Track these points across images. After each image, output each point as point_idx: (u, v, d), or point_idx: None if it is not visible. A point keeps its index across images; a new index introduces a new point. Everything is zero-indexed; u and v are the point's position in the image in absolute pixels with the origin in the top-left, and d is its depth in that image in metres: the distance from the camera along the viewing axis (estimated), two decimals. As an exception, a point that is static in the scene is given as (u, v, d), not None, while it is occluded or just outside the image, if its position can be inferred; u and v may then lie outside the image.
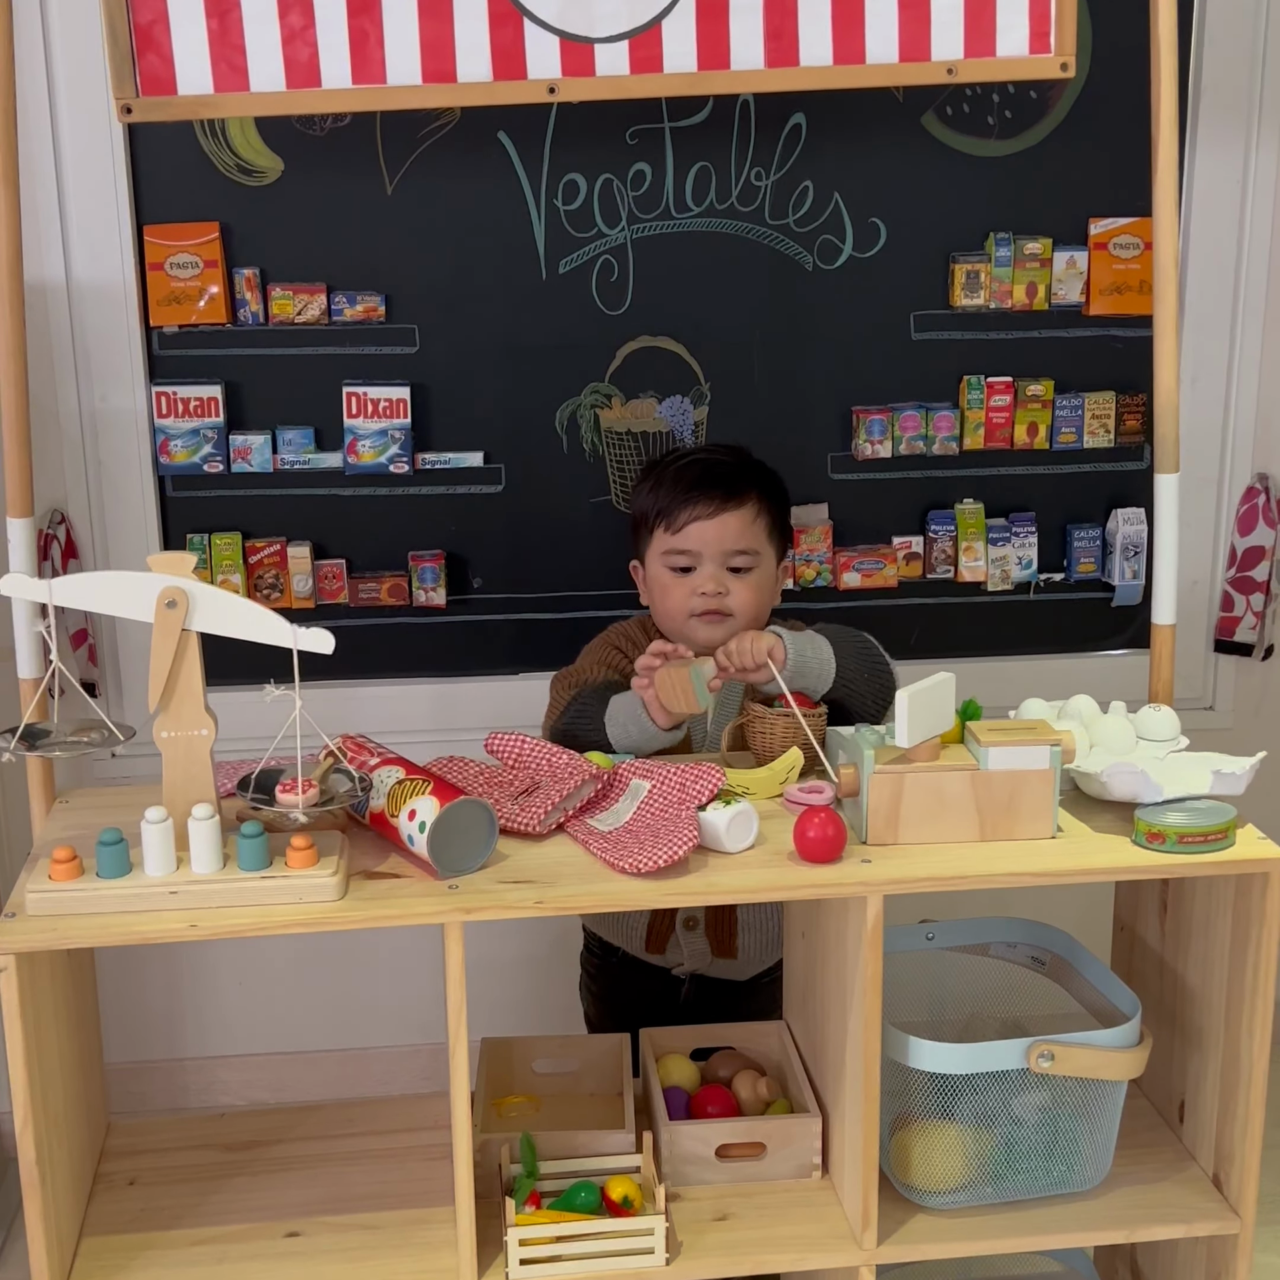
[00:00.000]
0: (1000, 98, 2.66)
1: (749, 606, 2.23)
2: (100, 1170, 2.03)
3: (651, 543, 2.27)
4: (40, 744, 1.80)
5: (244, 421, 2.69)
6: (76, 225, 2.58)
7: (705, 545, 2.22)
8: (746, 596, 2.23)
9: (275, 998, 3.04)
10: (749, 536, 2.22)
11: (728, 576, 2.22)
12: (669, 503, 2.23)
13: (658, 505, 2.25)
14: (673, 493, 2.24)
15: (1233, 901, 1.87)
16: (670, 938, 2.36)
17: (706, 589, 2.21)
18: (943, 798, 1.83)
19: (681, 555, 2.23)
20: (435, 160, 2.61)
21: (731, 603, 2.22)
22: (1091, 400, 2.77)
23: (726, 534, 2.21)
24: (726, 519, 2.21)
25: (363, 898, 1.74)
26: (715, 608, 2.22)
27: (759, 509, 2.23)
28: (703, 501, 2.21)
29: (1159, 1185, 1.97)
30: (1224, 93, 2.70)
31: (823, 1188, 1.97)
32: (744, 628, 2.19)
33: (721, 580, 2.22)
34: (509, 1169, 1.92)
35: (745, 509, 2.22)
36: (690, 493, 2.22)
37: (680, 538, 2.23)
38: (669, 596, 2.25)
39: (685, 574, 2.24)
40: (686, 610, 2.23)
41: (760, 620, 2.25)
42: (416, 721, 2.77)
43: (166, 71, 2.02)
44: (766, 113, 2.62)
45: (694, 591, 2.22)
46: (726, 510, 2.21)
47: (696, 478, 2.24)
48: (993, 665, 2.87)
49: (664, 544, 2.25)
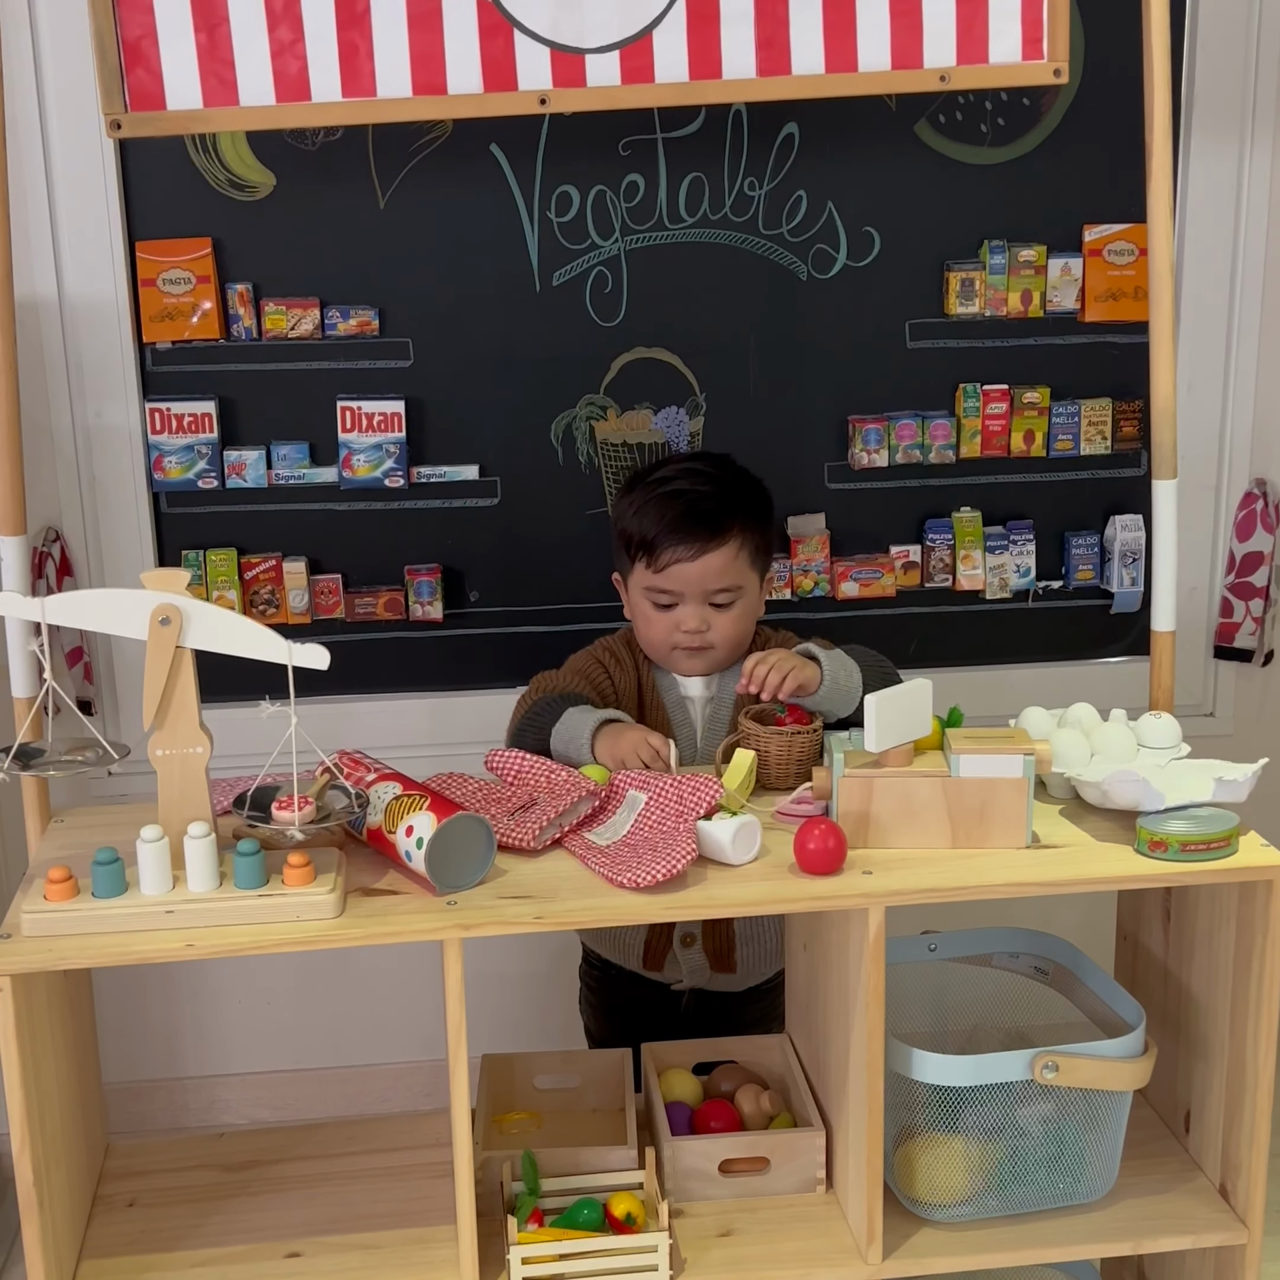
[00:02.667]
0: (993, 105, 2.66)
1: (730, 639, 2.25)
2: (99, 1192, 2.02)
3: (634, 571, 2.28)
4: (34, 763, 1.79)
5: (238, 437, 2.68)
6: (69, 242, 2.57)
7: (687, 585, 2.22)
8: (728, 630, 2.25)
9: (276, 1016, 3.02)
10: (730, 574, 2.23)
11: (710, 611, 2.23)
12: (652, 538, 2.23)
13: (641, 536, 2.25)
14: (656, 528, 2.23)
15: (1236, 909, 1.86)
16: (668, 955, 2.35)
17: (689, 626, 2.23)
18: (913, 804, 1.83)
19: (664, 594, 2.24)
20: (428, 173, 2.60)
21: (713, 636, 2.24)
22: (1088, 407, 2.76)
23: (708, 574, 2.22)
24: (708, 560, 2.21)
25: (360, 915, 1.73)
26: (697, 644, 2.24)
27: (740, 543, 2.23)
28: (685, 543, 2.21)
29: (1166, 1196, 1.96)
30: (1217, 99, 2.69)
31: (827, 1202, 1.96)
32: (726, 655, 2.26)
33: (703, 617, 2.23)
34: (511, 1186, 1.91)
35: (727, 548, 2.22)
36: (673, 533, 2.22)
37: (662, 577, 2.23)
38: (651, 628, 2.27)
39: (668, 610, 2.25)
40: (669, 644, 2.26)
41: (742, 645, 2.28)
42: (414, 736, 2.76)
43: (155, 86, 2.01)
44: (759, 122, 2.62)
45: (676, 627, 2.24)
46: (708, 552, 2.21)
47: (679, 515, 2.22)
48: (992, 674, 2.86)
49: (646, 579, 2.25)
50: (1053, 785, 1.98)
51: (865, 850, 1.84)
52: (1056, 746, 1.95)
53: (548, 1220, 1.87)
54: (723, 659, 2.27)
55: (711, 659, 2.26)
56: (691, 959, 2.35)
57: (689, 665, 2.27)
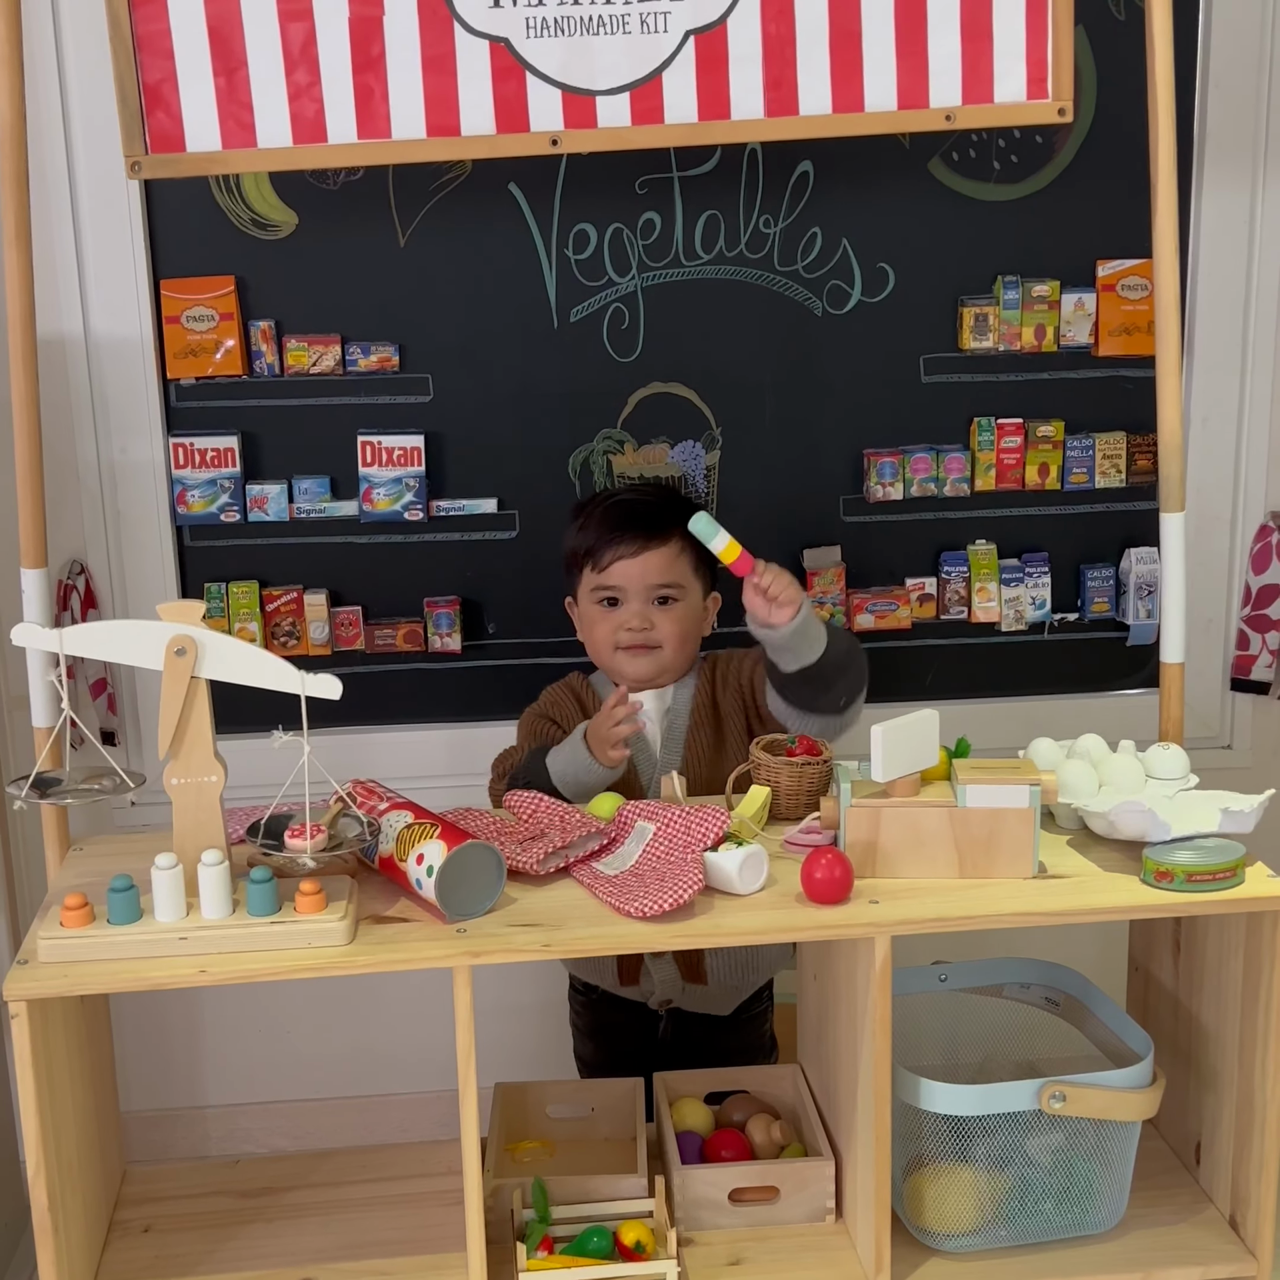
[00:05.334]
0: (1006, 143, 2.68)
1: (674, 637, 2.30)
2: (116, 1217, 2.04)
3: (581, 581, 2.36)
4: (52, 792, 1.82)
5: (260, 471, 2.72)
6: (94, 280, 2.62)
7: (630, 581, 2.29)
8: (671, 628, 2.30)
9: (296, 1045, 3.04)
10: (672, 571, 2.30)
11: (653, 610, 2.30)
12: (595, 543, 2.32)
13: (585, 545, 2.34)
14: (598, 533, 2.33)
15: (1244, 941, 1.87)
16: (641, 968, 2.38)
17: (632, 625, 2.30)
18: (920, 834, 1.85)
19: (608, 591, 2.32)
20: (447, 212, 2.64)
21: (657, 635, 2.30)
22: (1102, 441, 2.77)
23: (650, 570, 2.29)
24: (649, 556, 2.29)
25: (371, 942, 1.75)
26: (640, 642, 2.30)
27: (682, 546, 2.30)
28: (626, 541, 2.29)
29: (1176, 1227, 1.96)
30: (1230, 134, 2.71)
31: (837, 1231, 1.96)
32: (671, 658, 2.31)
33: (646, 615, 2.30)
34: (521, 1214, 1.92)
35: (668, 546, 2.30)
36: (614, 533, 2.31)
37: (605, 575, 2.30)
38: (596, 630, 2.34)
39: (613, 607, 2.31)
40: (613, 643, 2.32)
41: (688, 650, 2.33)
42: (433, 767, 2.78)
43: (175, 129, 2.06)
44: (774, 161, 2.65)
45: (620, 626, 2.30)
46: (649, 549, 2.29)
47: (620, 518, 2.33)
48: (1008, 706, 2.86)
49: (592, 582, 2.33)
50: (1061, 816, 1.99)
51: (872, 880, 1.85)
52: (1064, 777, 1.96)
53: (558, 1248, 1.88)
54: (669, 661, 2.31)
55: (658, 661, 2.30)
56: (662, 969, 2.37)
57: (635, 667, 2.31)
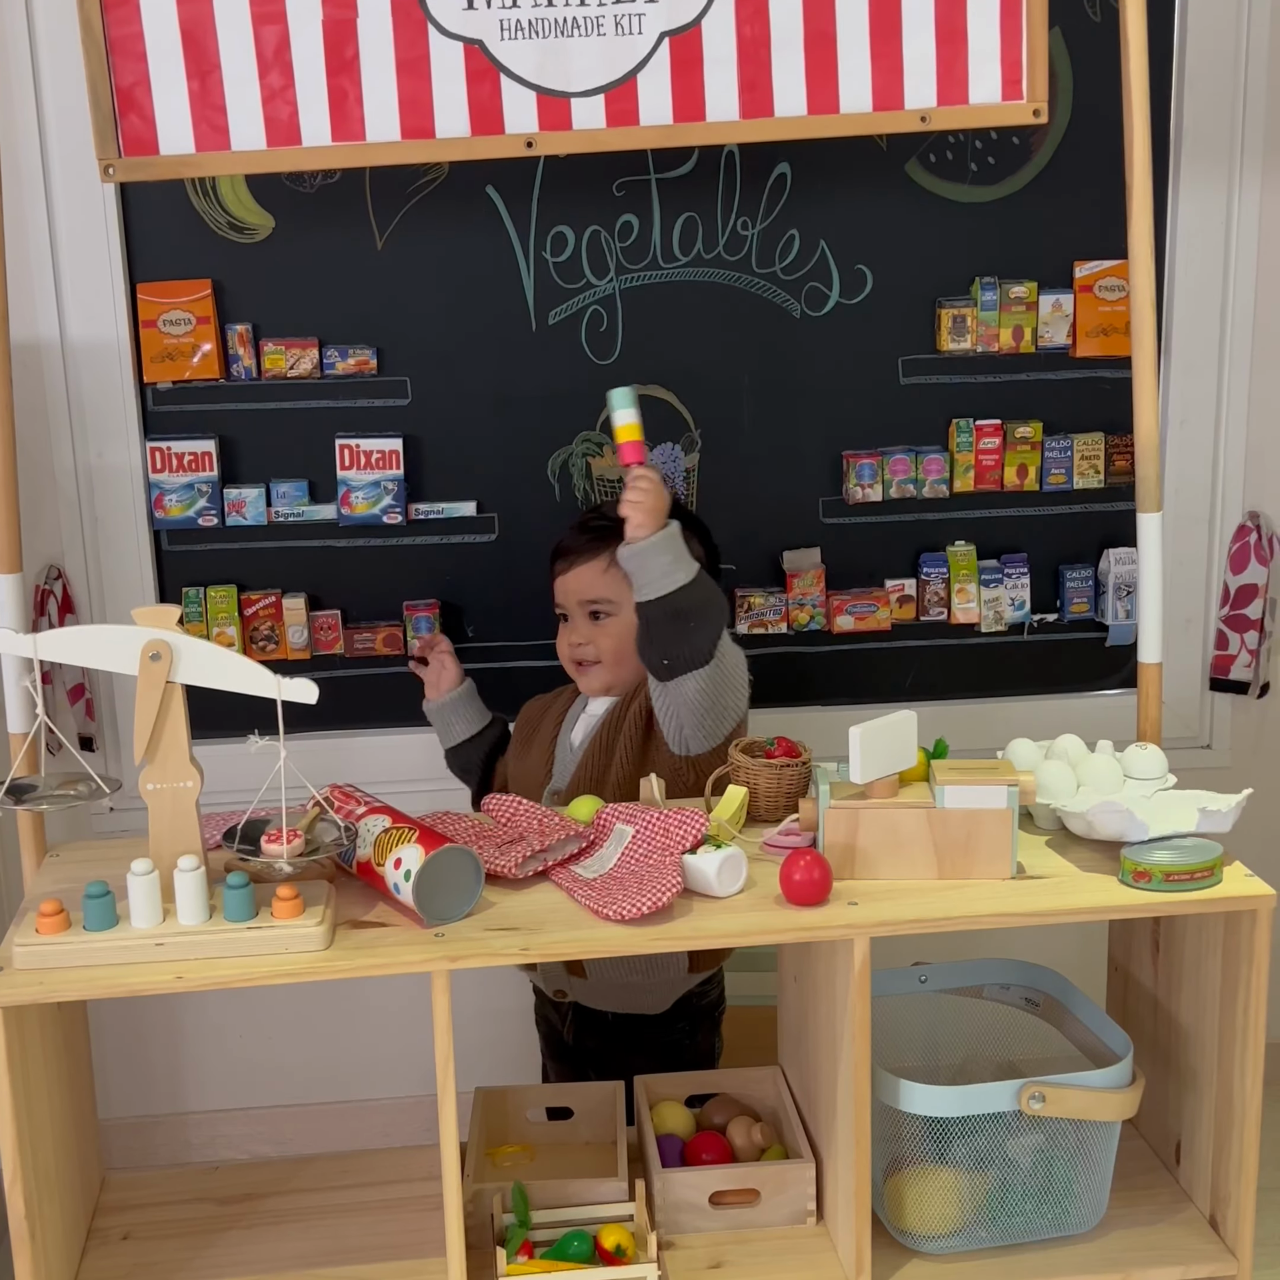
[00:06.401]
0: (983, 144, 2.69)
1: (609, 652, 2.36)
2: (94, 1225, 2.03)
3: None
4: (26, 798, 1.81)
5: (238, 475, 2.71)
6: (70, 284, 2.61)
7: (566, 597, 2.39)
8: (606, 642, 2.36)
9: (276, 1051, 3.03)
10: (600, 586, 2.35)
11: (590, 625, 2.37)
12: (550, 564, 2.42)
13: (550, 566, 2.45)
14: (552, 556, 2.42)
15: (1222, 940, 1.87)
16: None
17: (572, 640, 2.39)
18: (899, 835, 1.85)
19: (559, 607, 2.42)
20: (424, 215, 2.63)
21: (593, 649, 2.37)
22: (1080, 441, 2.78)
23: (580, 585, 2.37)
24: (579, 572, 2.37)
25: (348, 947, 1.74)
26: (580, 657, 2.39)
27: (610, 560, 2.30)
28: (564, 558, 2.39)
29: (1156, 1227, 1.96)
30: (1206, 135, 2.72)
31: (817, 1234, 1.96)
32: (611, 672, 2.37)
33: (584, 631, 2.37)
34: (501, 1218, 1.91)
35: (596, 561, 2.35)
36: (560, 549, 2.41)
37: (554, 591, 2.42)
38: (558, 644, 2.44)
39: (565, 623, 2.42)
40: (565, 656, 2.42)
41: (632, 663, 2.32)
42: (413, 771, 2.76)
43: (148, 132, 2.05)
44: (751, 163, 2.65)
45: (568, 641, 2.40)
46: (577, 564, 2.37)
47: (565, 540, 2.41)
48: (988, 706, 2.87)
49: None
50: (1039, 816, 1.99)
51: (851, 881, 1.85)
52: (1042, 778, 1.96)
53: (538, 1252, 1.87)
54: (611, 675, 2.36)
55: (599, 675, 2.37)
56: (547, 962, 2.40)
57: (583, 681, 2.40)
